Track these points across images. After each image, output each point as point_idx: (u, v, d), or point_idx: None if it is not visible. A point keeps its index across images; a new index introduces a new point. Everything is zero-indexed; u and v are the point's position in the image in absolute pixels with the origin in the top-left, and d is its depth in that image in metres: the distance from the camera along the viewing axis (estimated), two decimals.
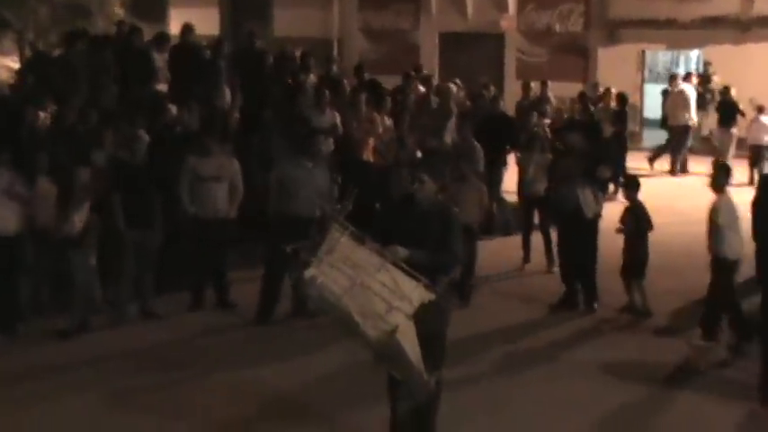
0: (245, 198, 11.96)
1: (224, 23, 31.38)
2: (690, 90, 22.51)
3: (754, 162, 20.85)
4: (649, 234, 11.87)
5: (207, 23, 28.10)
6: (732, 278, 10.62)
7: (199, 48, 16.25)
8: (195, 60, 15.73)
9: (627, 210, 11.94)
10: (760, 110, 21.51)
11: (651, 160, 22.15)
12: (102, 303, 11.20)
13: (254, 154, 13.75)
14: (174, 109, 13.58)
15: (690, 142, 22.80)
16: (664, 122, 23.03)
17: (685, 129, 22.16)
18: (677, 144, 22.35)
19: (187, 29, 16.29)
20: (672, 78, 23.19)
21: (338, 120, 14.81)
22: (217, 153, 11.77)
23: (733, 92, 22.15)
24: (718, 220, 10.39)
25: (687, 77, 23.35)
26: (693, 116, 22.20)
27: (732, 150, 21.39)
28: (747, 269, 10.40)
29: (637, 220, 11.77)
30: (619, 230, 11.82)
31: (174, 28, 18.24)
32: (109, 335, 10.94)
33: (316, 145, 11.53)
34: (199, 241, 11.65)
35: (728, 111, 21.96)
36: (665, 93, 23.90)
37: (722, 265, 10.51)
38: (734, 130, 21.76)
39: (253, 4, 31.38)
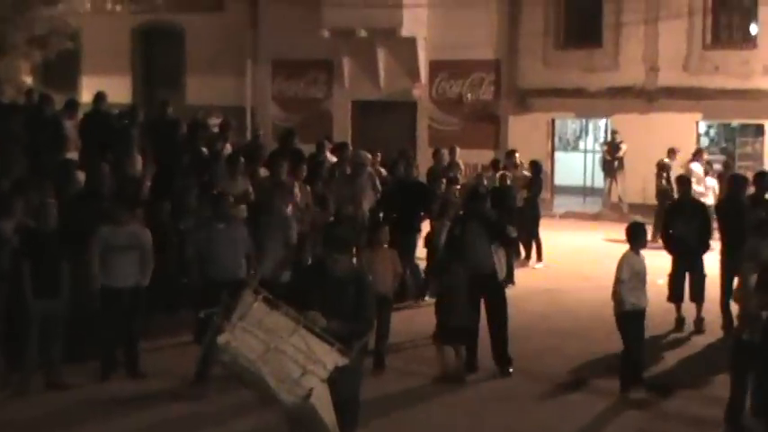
0: (158, 266, 11.87)
1: (136, 91, 31.25)
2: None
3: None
4: (560, 299, 12.03)
5: (119, 91, 27.99)
6: (634, 328, 11.04)
7: (111, 115, 16.18)
8: (107, 128, 15.64)
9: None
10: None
11: None
12: (6, 372, 10.97)
13: (166, 222, 13.66)
14: (83, 176, 13.44)
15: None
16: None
17: None
18: None
19: (99, 97, 16.24)
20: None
21: (250, 188, 14.82)
22: (128, 222, 11.68)
23: None
24: (619, 275, 10.97)
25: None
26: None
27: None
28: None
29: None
30: None
31: (86, 96, 18.11)
32: (10, 405, 10.69)
33: (224, 207, 11.58)
34: (110, 311, 11.51)
35: None
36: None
37: (625, 317, 11.02)
38: None
39: (165, 73, 31.34)
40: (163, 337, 12.50)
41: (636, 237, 11.30)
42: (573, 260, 19.10)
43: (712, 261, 14.13)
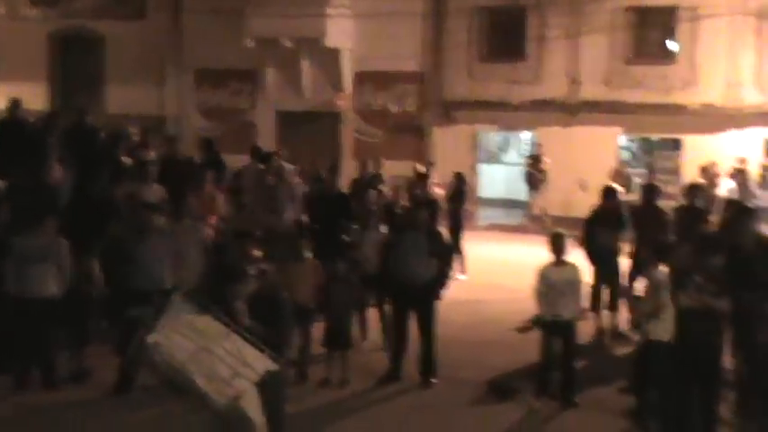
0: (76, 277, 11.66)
1: (53, 99, 30.72)
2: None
3: None
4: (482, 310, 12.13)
5: (35, 99, 27.51)
6: (546, 337, 11.25)
7: (26, 123, 15.85)
8: (23, 135, 15.32)
9: None
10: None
11: None
12: None
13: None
14: None
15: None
16: None
17: None
18: None
19: (14, 104, 15.91)
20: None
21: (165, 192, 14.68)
22: (43, 231, 11.45)
23: None
24: (535, 287, 11.30)
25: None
26: None
27: None
28: None
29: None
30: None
31: (1, 103, 17.74)
32: None
33: (143, 218, 11.52)
34: (24, 322, 11.28)
35: None
36: None
37: (543, 328, 11.30)
38: None
39: (84, 80, 30.85)
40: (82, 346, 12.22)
41: (554, 247, 11.36)
42: (496, 272, 19.14)
43: None
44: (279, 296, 7.58)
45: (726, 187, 21.70)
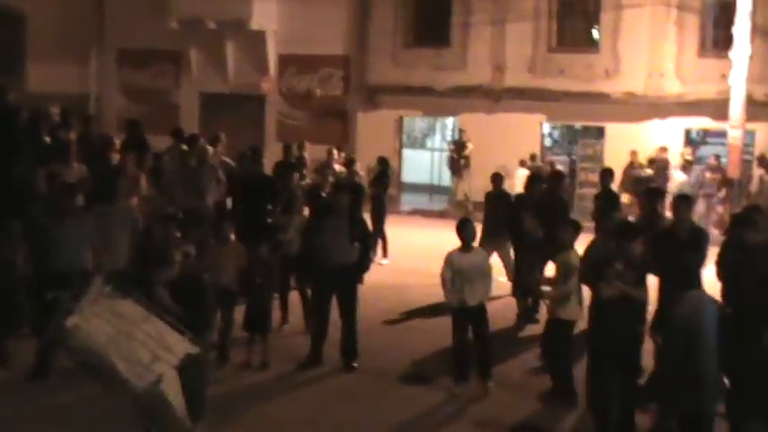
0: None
1: None
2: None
3: None
4: (405, 295, 12.14)
5: None
6: (459, 324, 11.34)
7: None
8: None
9: None
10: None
11: None
12: None
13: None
14: None
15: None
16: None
17: None
18: None
19: None
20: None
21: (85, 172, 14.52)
22: None
23: None
24: (442, 273, 11.34)
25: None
26: None
27: None
28: None
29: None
30: None
31: None
32: None
33: (63, 199, 11.36)
34: None
35: None
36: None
37: (452, 314, 11.42)
38: None
39: (4, 58, 30.29)
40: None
41: (461, 233, 11.44)
42: (418, 256, 19.20)
43: None
44: (201, 279, 7.56)
45: (678, 179, 22.06)
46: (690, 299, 8.86)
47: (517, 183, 23.73)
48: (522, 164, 24.45)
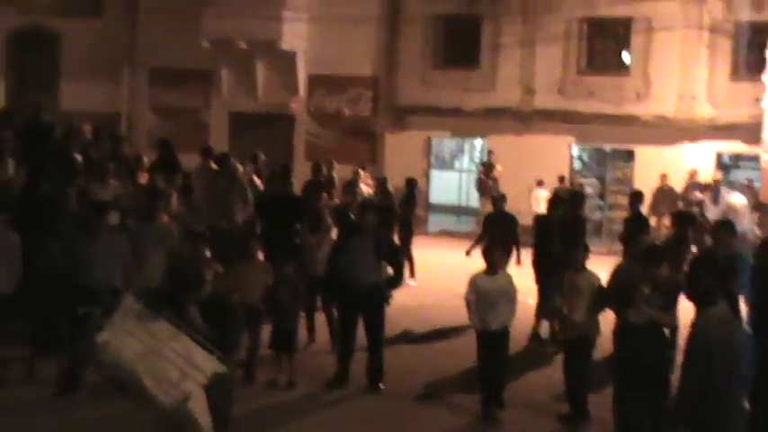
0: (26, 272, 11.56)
1: (9, 96, 30.45)
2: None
3: None
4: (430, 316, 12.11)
5: None
6: (484, 347, 11.26)
7: None
8: None
9: None
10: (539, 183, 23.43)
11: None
12: None
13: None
14: None
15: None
16: None
17: None
18: None
19: None
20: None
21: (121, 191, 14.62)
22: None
23: None
24: (466, 296, 11.27)
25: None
26: None
27: None
28: None
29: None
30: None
31: None
32: None
33: (92, 217, 11.49)
34: None
35: None
36: None
37: (477, 337, 11.33)
38: None
39: (39, 77, 30.63)
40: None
41: (487, 256, 11.41)
42: (445, 277, 19.18)
43: None
44: (230, 298, 7.59)
45: (736, 200, 21.69)
46: (711, 315, 8.82)
47: (534, 203, 23.82)
48: (540, 184, 24.46)
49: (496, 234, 15.59)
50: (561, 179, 24.87)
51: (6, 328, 11.66)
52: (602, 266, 11.43)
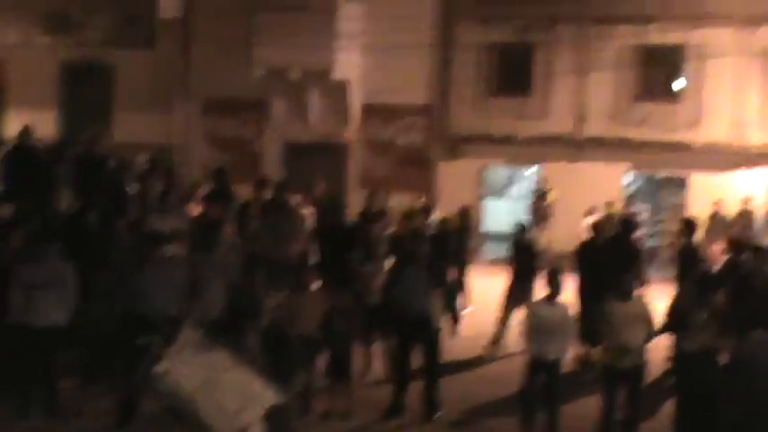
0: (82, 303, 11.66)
1: (63, 126, 30.82)
2: None
3: None
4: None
5: (45, 126, 27.61)
6: (531, 374, 11.23)
7: (36, 150, 15.93)
8: (32, 163, 15.40)
9: None
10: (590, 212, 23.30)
11: None
12: None
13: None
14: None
15: None
16: None
17: None
18: None
19: (25, 131, 15.98)
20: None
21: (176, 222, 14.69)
22: (50, 258, 11.49)
23: None
24: (526, 322, 11.31)
25: None
26: None
27: None
28: None
29: None
30: None
31: (12, 130, 17.85)
32: None
33: (148, 247, 11.57)
34: (28, 350, 11.27)
35: None
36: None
37: (529, 365, 11.29)
38: None
39: (93, 108, 30.95)
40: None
41: (550, 283, 11.35)
42: (499, 306, 19.09)
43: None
44: (287, 329, 7.61)
45: None
46: (752, 340, 8.73)
47: (584, 231, 23.56)
48: (591, 212, 24.15)
49: (522, 264, 15.93)
50: (609, 204, 24.66)
51: (62, 360, 11.77)
52: (654, 294, 11.34)
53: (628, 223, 15.90)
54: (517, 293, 15.87)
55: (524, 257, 16.24)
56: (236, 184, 18.76)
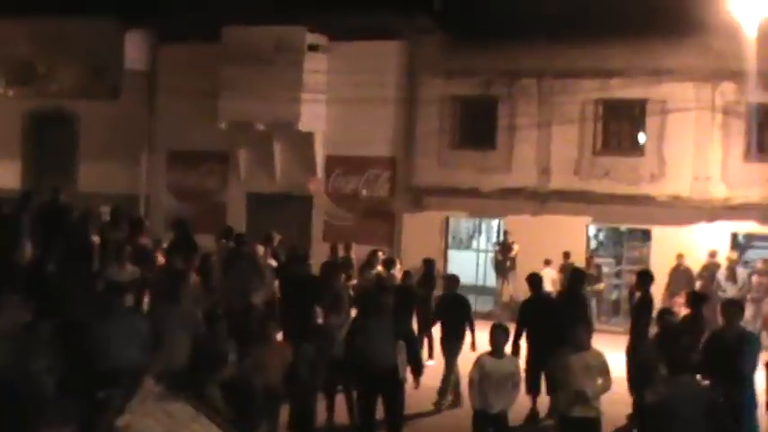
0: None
1: (27, 177, 30.71)
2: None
3: None
4: None
5: (9, 177, 27.58)
6: (477, 427, 11.35)
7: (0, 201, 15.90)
8: None
9: None
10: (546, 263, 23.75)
11: None
12: None
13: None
14: None
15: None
16: None
17: None
18: None
19: None
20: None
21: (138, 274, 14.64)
22: (11, 309, 11.39)
23: None
24: (470, 376, 11.44)
25: None
26: None
27: None
28: None
29: None
30: None
31: None
32: None
33: (109, 299, 11.40)
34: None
35: None
36: None
37: (474, 417, 11.39)
38: None
39: (57, 159, 30.86)
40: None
41: (492, 339, 11.41)
42: (464, 358, 19.10)
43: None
44: (250, 380, 7.60)
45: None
46: (675, 384, 8.83)
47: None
48: (547, 263, 24.47)
49: (449, 316, 16.08)
50: (566, 255, 24.84)
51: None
52: (618, 346, 11.40)
53: (576, 274, 16.06)
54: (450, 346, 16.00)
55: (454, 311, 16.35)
56: (201, 234, 18.79)
